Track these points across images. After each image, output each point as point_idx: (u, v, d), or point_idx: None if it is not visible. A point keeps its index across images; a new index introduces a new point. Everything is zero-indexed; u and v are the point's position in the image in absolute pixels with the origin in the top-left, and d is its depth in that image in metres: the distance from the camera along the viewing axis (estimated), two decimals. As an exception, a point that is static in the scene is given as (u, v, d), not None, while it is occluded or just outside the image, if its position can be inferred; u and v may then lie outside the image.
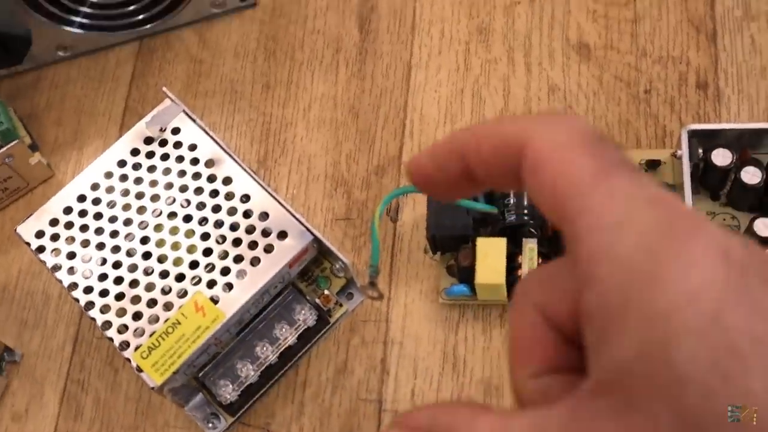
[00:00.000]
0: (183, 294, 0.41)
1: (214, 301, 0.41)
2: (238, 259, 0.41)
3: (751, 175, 0.41)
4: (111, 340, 0.41)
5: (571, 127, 0.19)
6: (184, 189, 0.44)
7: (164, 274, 0.42)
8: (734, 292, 0.16)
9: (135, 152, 0.45)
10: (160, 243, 0.43)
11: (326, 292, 0.43)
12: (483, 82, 0.49)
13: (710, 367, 0.15)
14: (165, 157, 0.45)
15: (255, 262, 0.41)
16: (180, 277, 0.42)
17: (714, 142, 0.42)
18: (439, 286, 0.44)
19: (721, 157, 0.41)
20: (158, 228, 0.43)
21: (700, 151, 0.42)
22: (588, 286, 0.17)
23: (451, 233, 0.42)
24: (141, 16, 0.53)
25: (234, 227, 0.42)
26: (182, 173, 0.44)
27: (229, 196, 0.43)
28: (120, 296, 0.42)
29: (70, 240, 0.43)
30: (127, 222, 0.43)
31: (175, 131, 0.45)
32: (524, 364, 0.20)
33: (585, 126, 0.19)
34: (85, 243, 0.43)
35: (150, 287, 0.42)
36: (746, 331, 0.15)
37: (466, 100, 0.49)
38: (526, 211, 0.42)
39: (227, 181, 0.43)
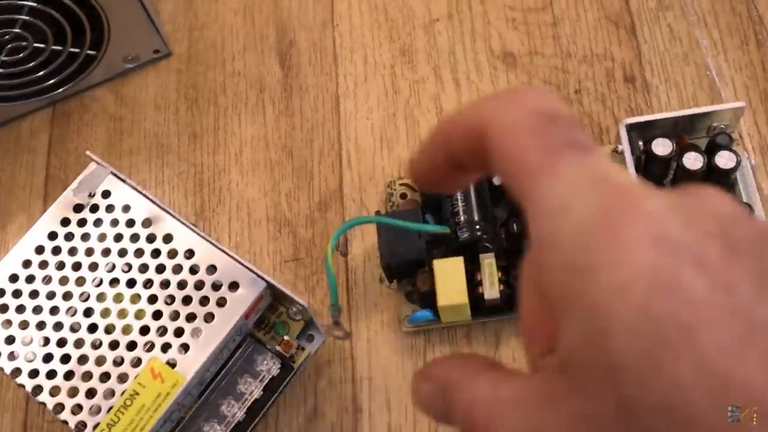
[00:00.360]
0: (137, 362, 0.39)
1: (172, 365, 0.39)
2: (191, 317, 0.40)
3: (692, 161, 0.41)
4: (65, 422, 0.38)
5: (522, 107, 0.19)
6: (123, 253, 0.42)
7: (114, 345, 0.40)
8: (663, 280, 0.16)
9: (65, 222, 0.43)
10: (105, 313, 0.40)
11: (286, 337, 0.42)
12: (414, 103, 0.48)
13: (643, 358, 0.16)
14: (98, 222, 0.43)
15: (209, 318, 0.39)
16: (131, 346, 0.40)
17: (651, 133, 0.42)
18: (400, 315, 0.43)
19: (662, 146, 0.41)
20: (101, 297, 0.41)
21: (640, 143, 0.42)
22: (540, 274, 0.18)
23: (405, 259, 0.41)
24: (52, 81, 0.51)
25: (182, 285, 0.40)
26: (119, 237, 0.42)
27: (172, 254, 0.41)
28: (69, 375, 0.39)
29: (7, 324, 0.41)
30: (67, 296, 0.41)
31: (106, 194, 0.43)
32: (532, 344, 0.21)
33: (536, 103, 0.19)
34: (24, 324, 0.41)
35: (100, 361, 0.39)
36: (674, 321, 0.16)
37: (400, 123, 0.48)
38: (478, 227, 0.41)
39: (168, 238, 0.41)
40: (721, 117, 0.42)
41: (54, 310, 0.41)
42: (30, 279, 0.42)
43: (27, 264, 0.42)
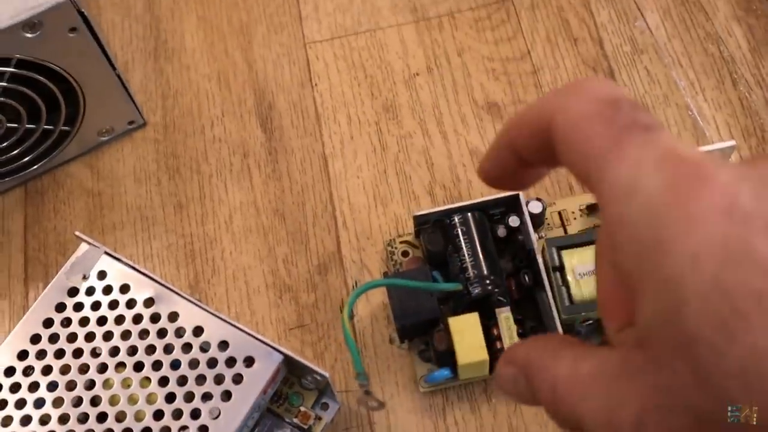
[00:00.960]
0: (154, 450, 0.37)
1: (191, 449, 0.37)
2: (207, 397, 0.38)
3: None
4: None
5: (584, 96, 0.20)
6: (126, 336, 0.40)
7: (127, 433, 0.38)
8: (734, 250, 0.16)
9: (60, 307, 0.41)
10: (114, 400, 0.39)
11: (302, 408, 0.41)
12: (403, 158, 0.48)
13: (717, 329, 0.16)
14: (96, 305, 0.41)
15: (226, 396, 0.38)
16: (146, 432, 0.38)
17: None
18: (415, 375, 0.42)
19: (660, 187, 0.42)
20: (107, 384, 0.39)
21: (640, 186, 0.42)
22: (613, 253, 0.19)
23: (419, 319, 0.41)
24: (25, 159, 0.49)
25: (193, 364, 0.39)
26: (120, 319, 0.40)
27: (180, 332, 0.40)
28: (81, 470, 0.37)
29: (7, 420, 0.39)
30: (71, 385, 0.39)
31: (101, 275, 0.41)
32: (610, 320, 0.21)
33: (600, 90, 0.20)
34: (26, 420, 0.39)
35: (114, 451, 0.38)
36: (747, 290, 0.16)
37: (392, 179, 0.48)
38: (488, 281, 0.41)
39: (173, 316, 0.40)
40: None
41: (58, 402, 0.39)
42: (28, 371, 0.39)
43: (23, 355, 0.40)
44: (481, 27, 0.52)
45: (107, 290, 0.41)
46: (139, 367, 0.39)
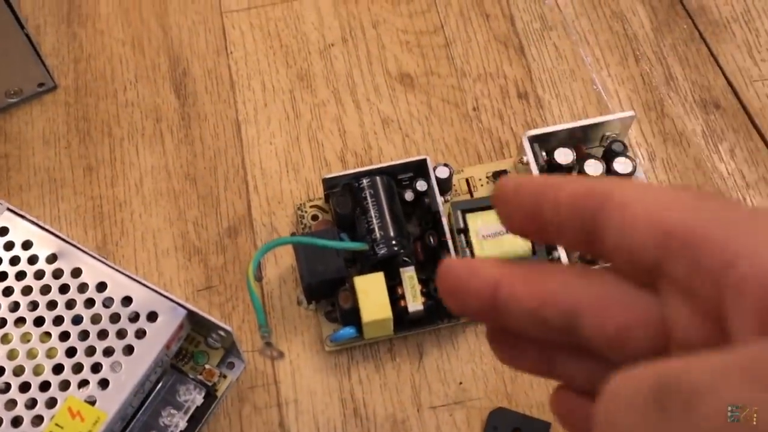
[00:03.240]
0: (52, 403, 0.37)
1: (91, 402, 0.37)
2: (108, 351, 0.38)
3: (593, 168, 0.43)
4: (-24, 474, 0.36)
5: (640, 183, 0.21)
6: (27, 291, 0.39)
7: (25, 387, 0.37)
8: None
9: (-40, 262, 0.40)
10: (12, 354, 0.38)
11: (207, 366, 0.41)
12: (316, 126, 0.49)
13: None
14: (-4, 261, 0.40)
15: (128, 351, 0.38)
16: (45, 386, 0.37)
17: (550, 144, 0.44)
18: (321, 335, 0.43)
19: (563, 155, 0.44)
20: (5, 339, 0.38)
21: (544, 153, 0.44)
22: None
23: (325, 278, 0.41)
24: (-71, 118, 0.48)
25: (96, 319, 0.39)
26: (21, 275, 0.40)
27: (83, 288, 0.39)
28: (-24, 423, 0.37)
29: None
30: (-32, 339, 0.38)
31: (3, 232, 0.41)
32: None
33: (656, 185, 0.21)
34: None
35: (11, 405, 0.37)
36: None
37: (304, 146, 0.48)
38: (394, 242, 0.42)
39: (76, 272, 0.40)
40: (613, 126, 0.45)
41: (-46, 356, 0.38)
42: (-77, 325, 0.39)
43: None
44: (396, 0, 0.53)
45: (8, 246, 0.40)
46: (39, 322, 0.39)
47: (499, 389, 0.41)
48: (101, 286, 0.39)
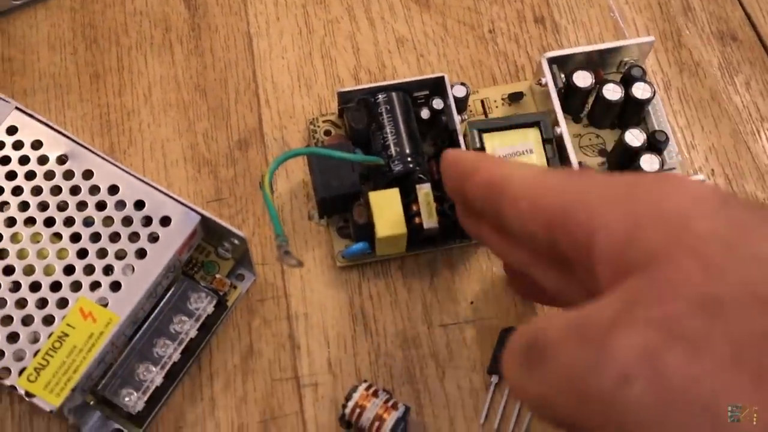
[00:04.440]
0: (63, 304, 0.36)
1: (103, 304, 0.36)
2: (121, 254, 0.37)
3: (612, 92, 0.43)
4: (-14, 371, 0.35)
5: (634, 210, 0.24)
6: (37, 191, 0.39)
7: (35, 287, 0.37)
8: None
9: (-33, 160, 0.39)
10: (22, 254, 0.38)
11: (218, 275, 0.40)
12: (330, 42, 0.48)
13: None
14: (5, 160, 0.39)
15: (141, 254, 0.37)
16: (56, 287, 0.37)
17: (567, 68, 0.44)
18: (333, 250, 0.42)
19: (582, 79, 0.43)
20: (16, 238, 0.38)
21: (562, 76, 0.43)
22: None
23: (340, 192, 0.41)
24: (-70, 16, 0.46)
25: (108, 222, 0.38)
26: (31, 175, 0.39)
27: (94, 190, 0.39)
28: (-15, 321, 0.36)
29: None
30: (-24, 238, 0.38)
31: (11, 131, 0.40)
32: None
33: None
34: (-73, 270, 0.37)
35: (21, 304, 0.36)
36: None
37: (317, 62, 0.47)
38: (410, 159, 0.41)
39: (88, 174, 0.39)
40: (630, 52, 0.45)
41: (-39, 253, 0.37)
42: (-70, 222, 0.38)
43: (-74, 206, 0.38)
44: None
45: (17, 145, 0.40)
46: (50, 223, 0.38)
47: (510, 310, 0.41)
48: (113, 189, 0.39)
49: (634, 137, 0.42)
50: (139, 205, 0.38)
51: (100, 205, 0.38)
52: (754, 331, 0.19)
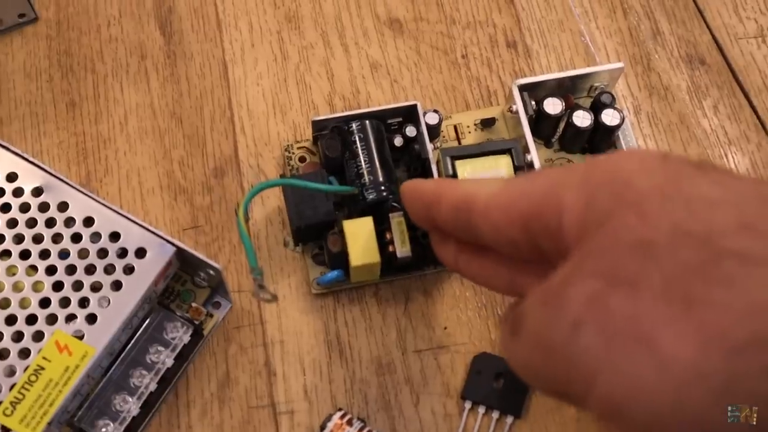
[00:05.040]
0: (39, 337, 0.37)
1: (79, 337, 0.37)
2: (96, 287, 0.38)
3: (582, 119, 0.43)
4: (-38, 406, 0.36)
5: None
6: (12, 224, 0.39)
7: (11, 320, 0.37)
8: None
9: (-58, 194, 0.39)
10: (-2, 287, 0.38)
11: (194, 304, 0.41)
12: (304, 68, 0.48)
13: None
14: (-20, 193, 0.40)
15: (116, 286, 0.38)
16: (31, 319, 0.37)
17: (538, 94, 0.44)
18: (308, 277, 0.43)
19: (552, 105, 0.44)
20: (-9, 271, 0.38)
21: (533, 102, 0.44)
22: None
23: (314, 221, 0.41)
24: None
25: (83, 254, 0.38)
26: (6, 207, 0.39)
27: (69, 223, 0.39)
28: (-38, 355, 0.36)
29: None
30: (-48, 271, 0.38)
31: (-14, 163, 0.40)
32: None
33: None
34: None
35: (-3, 338, 0.37)
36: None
37: (292, 88, 0.48)
38: (383, 187, 0.42)
39: (63, 206, 0.39)
40: (601, 78, 0.45)
41: (-62, 288, 0.38)
42: None
43: None
44: (387, -56, 0.52)
45: (-7, 178, 0.40)
46: (25, 255, 0.38)
47: (484, 335, 0.42)
48: (88, 221, 0.39)
49: (604, 163, 0.42)
50: (115, 236, 0.39)
51: (76, 237, 0.39)
52: (682, 263, 0.21)
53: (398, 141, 0.44)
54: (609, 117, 0.43)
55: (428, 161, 0.42)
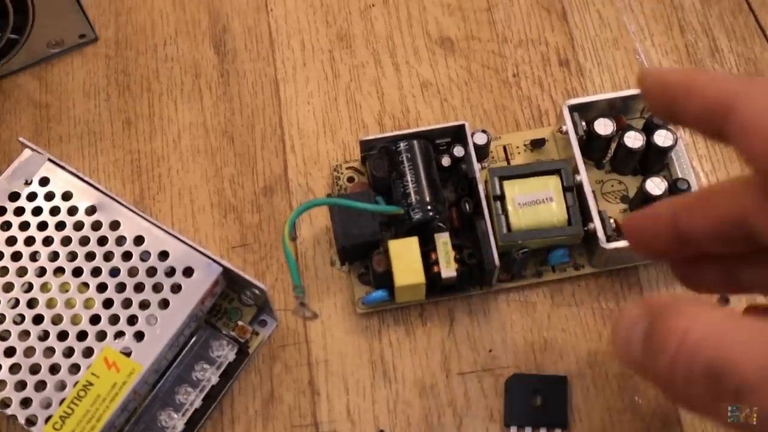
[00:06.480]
0: (89, 353, 0.38)
1: (126, 354, 0.37)
2: (144, 305, 0.38)
3: (633, 140, 0.43)
4: (14, 418, 0.37)
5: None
6: (66, 242, 0.40)
7: (62, 336, 0.38)
8: None
9: (1, 211, 0.41)
10: (51, 303, 0.39)
11: (240, 323, 0.41)
12: (355, 87, 0.49)
13: None
14: (37, 211, 0.41)
15: (163, 305, 0.38)
16: (82, 336, 0.38)
17: (589, 114, 0.44)
18: (353, 297, 0.43)
19: (603, 126, 0.43)
20: (45, 288, 0.39)
21: (583, 123, 0.43)
22: None
23: (360, 241, 0.41)
24: (-29, 66, 0.48)
25: (132, 273, 0.39)
26: (61, 225, 0.40)
27: (120, 241, 0.40)
28: (15, 368, 0.38)
29: (-57, 318, 0.39)
30: (7, 287, 0.39)
31: (44, 182, 0.41)
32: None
33: None
34: (-38, 319, 0.39)
35: (49, 353, 0.38)
36: None
37: (342, 107, 0.48)
38: (430, 207, 0.41)
39: (114, 225, 0.40)
40: (654, 98, 0.44)
41: (-6, 303, 0.39)
42: (-35, 271, 0.39)
43: (-39, 256, 0.40)
44: (439, -38, 0.52)
45: (49, 197, 0.41)
46: (77, 273, 0.39)
47: (529, 358, 0.41)
48: (138, 240, 0.40)
49: (655, 185, 0.42)
50: (163, 255, 0.39)
51: (126, 255, 0.40)
52: None
53: (446, 161, 0.43)
54: (662, 138, 0.42)
55: (475, 181, 0.42)
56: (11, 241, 0.40)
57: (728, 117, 0.24)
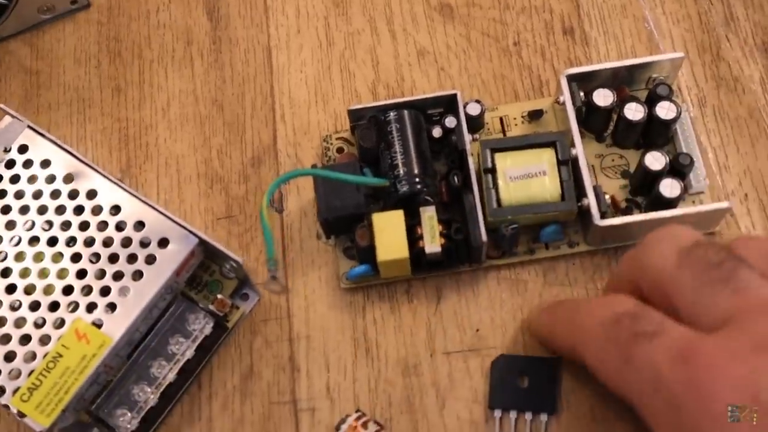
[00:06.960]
0: (60, 324, 0.37)
1: (98, 325, 0.37)
2: (118, 276, 0.37)
3: (634, 111, 0.40)
4: (-18, 388, 0.36)
5: (592, 319, 0.33)
6: (42, 210, 0.39)
7: (34, 306, 0.37)
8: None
9: (-21, 178, 0.40)
10: (24, 273, 0.38)
11: (219, 296, 0.40)
12: (349, 55, 0.47)
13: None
14: (15, 179, 0.40)
15: (137, 276, 0.37)
16: (54, 306, 0.37)
17: (591, 85, 0.41)
18: (338, 271, 0.41)
19: (602, 97, 0.41)
20: (19, 257, 0.38)
21: (582, 94, 0.41)
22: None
23: (343, 213, 0.40)
24: (-39, 31, 0.47)
25: (107, 243, 0.38)
26: (38, 194, 0.40)
27: (97, 211, 0.39)
28: (-14, 338, 0.37)
29: None
30: (-18, 255, 0.38)
31: (22, 149, 0.41)
32: None
33: (604, 311, 0.32)
34: (-65, 286, 0.38)
35: (20, 323, 0.37)
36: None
37: (335, 76, 0.46)
38: (417, 180, 0.40)
39: (91, 194, 0.39)
40: (660, 68, 0.42)
41: (-33, 271, 0.38)
42: (-59, 238, 0.39)
43: (-63, 223, 0.39)
44: (442, -74, 0.50)
45: (27, 164, 0.40)
46: (53, 242, 0.39)
47: (518, 339, 0.40)
48: (115, 209, 0.39)
49: (655, 160, 0.39)
50: (139, 225, 0.38)
51: (102, 225, 0.39)
52: None
53: (437, 132, 0.42)
54: (664, 110, 0.40)
55: (465, 152, 0.40)
56: (-12, 208, 0.39)
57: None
